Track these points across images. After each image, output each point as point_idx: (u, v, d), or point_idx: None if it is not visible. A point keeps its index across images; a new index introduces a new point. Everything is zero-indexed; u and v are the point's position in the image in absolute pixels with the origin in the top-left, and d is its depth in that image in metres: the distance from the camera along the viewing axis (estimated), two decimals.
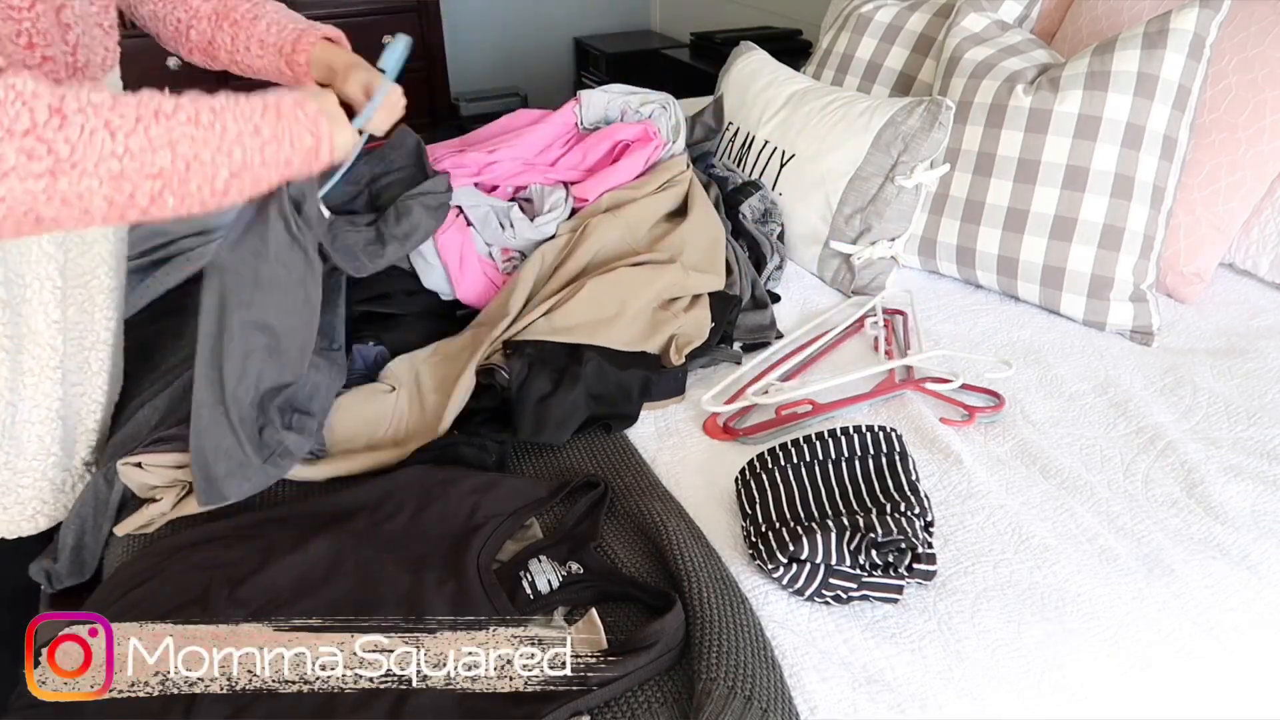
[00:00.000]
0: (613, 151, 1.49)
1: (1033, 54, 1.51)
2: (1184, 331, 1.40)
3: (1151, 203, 1.37)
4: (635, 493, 1.02)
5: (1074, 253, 1.38)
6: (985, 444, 1.13)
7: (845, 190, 1.50)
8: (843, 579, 0.88)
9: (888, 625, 0.87)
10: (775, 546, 0.89)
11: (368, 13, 3.21)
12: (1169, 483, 1.07)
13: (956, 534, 0.98)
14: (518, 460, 1.11)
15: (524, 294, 1.26)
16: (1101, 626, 0.88)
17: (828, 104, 1.59)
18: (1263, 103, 1.40)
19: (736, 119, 1.74)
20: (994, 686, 0.82)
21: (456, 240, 1.32)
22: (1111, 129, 1.36)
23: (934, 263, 1.53)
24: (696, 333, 1.26)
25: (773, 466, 1.01)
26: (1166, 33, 1.35)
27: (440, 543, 0.92)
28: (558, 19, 3.92)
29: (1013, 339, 1.37)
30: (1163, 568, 0.94)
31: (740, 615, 0.83)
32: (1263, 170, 1.41)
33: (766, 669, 0.78)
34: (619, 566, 0.92)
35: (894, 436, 1.02)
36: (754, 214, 1.55)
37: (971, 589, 0.91)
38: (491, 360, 1.15)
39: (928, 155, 1.46)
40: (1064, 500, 1.04)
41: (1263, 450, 1.11)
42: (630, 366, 1.18)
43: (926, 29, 1.77)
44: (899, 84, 1.79)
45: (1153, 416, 1.18)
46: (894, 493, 0.96)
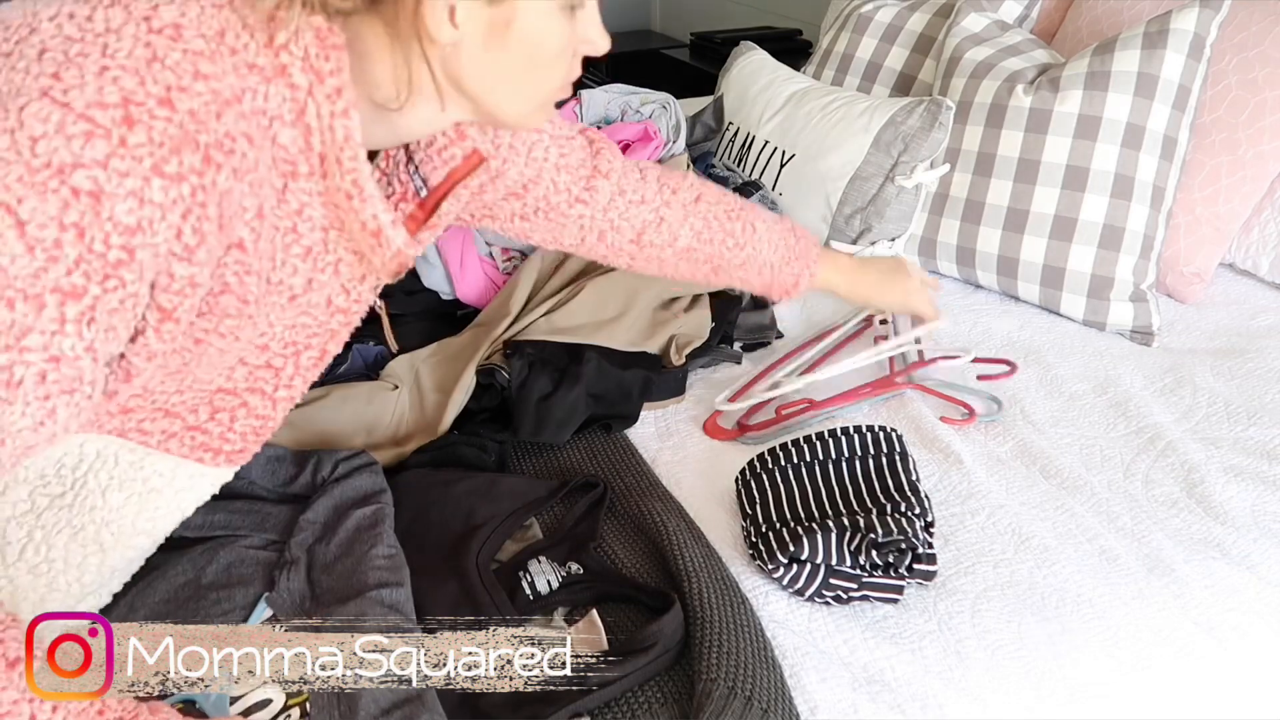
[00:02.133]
0: None
1: (1033, 54, 1.51)
2: (1184, 331, 1.40)
3: (1151, 203, 1.37)
4: (635, 493, 1.02)
5: (1074, 253, 1.38)
6: (985, 444, 1.13)
7: (845, 190, 1.50)
8: (843, 579, 0.88)
9: (888, 625, 0.87)
10: (775, 546, 0.89)
11: None
12: (1169, 483, 1.07)
13: (956, 534, 0.98)
14: (518, 460, 1.10)
15: (524, 294, 1.26)
16: (1101, 626, 0.88)
17: (828, 104, 1.59)
18: (1263, 103, 1.40)
19: (736, 119, 1.74)
20: (994, 686, 0.82)
21: (457, 240, 1.32)
22: (1111, 129, 1.36)
23: (934, 263, 1.53)
24: (697, 333, 1.26)
25: (773, 466, 1.01)
26: (1166, 33, 1.35)
27: (440, 543, 0.92)
28: None
29: (1013, 339, 1.37)
30: (1163, 568, 0.94)
31: (740, 615, 0.83)
32: (1263, 170, 1.41)
33: (766, 669, 0.78)
34: (619, 567, 0.92)
35: (894, 436, 1.02)
36: None
37: (971, 589, 0.91)
38: (492, 360, 1.15)
39: (928, 155, 1.46)
40: (1064, 500, 1.04)
41: (1263, 450, 1.11)
42: (630, 366, 1.18)
43: (926, 29, 1.77)
44: (899, 84, 1.79)
45: (1153, 416, 1.18)
46: (894, 493, 0.96)
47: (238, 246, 0.61)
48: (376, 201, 0.67)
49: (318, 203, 0.67)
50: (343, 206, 0.67)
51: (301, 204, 0.66)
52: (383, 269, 0.73)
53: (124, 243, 0.53)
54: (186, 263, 0.57)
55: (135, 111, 0.52)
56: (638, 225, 0.99)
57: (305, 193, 0.65)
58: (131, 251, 0.54)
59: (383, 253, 0.70)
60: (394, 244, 0.70)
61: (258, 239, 0.63)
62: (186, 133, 0.54)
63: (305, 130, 0.62)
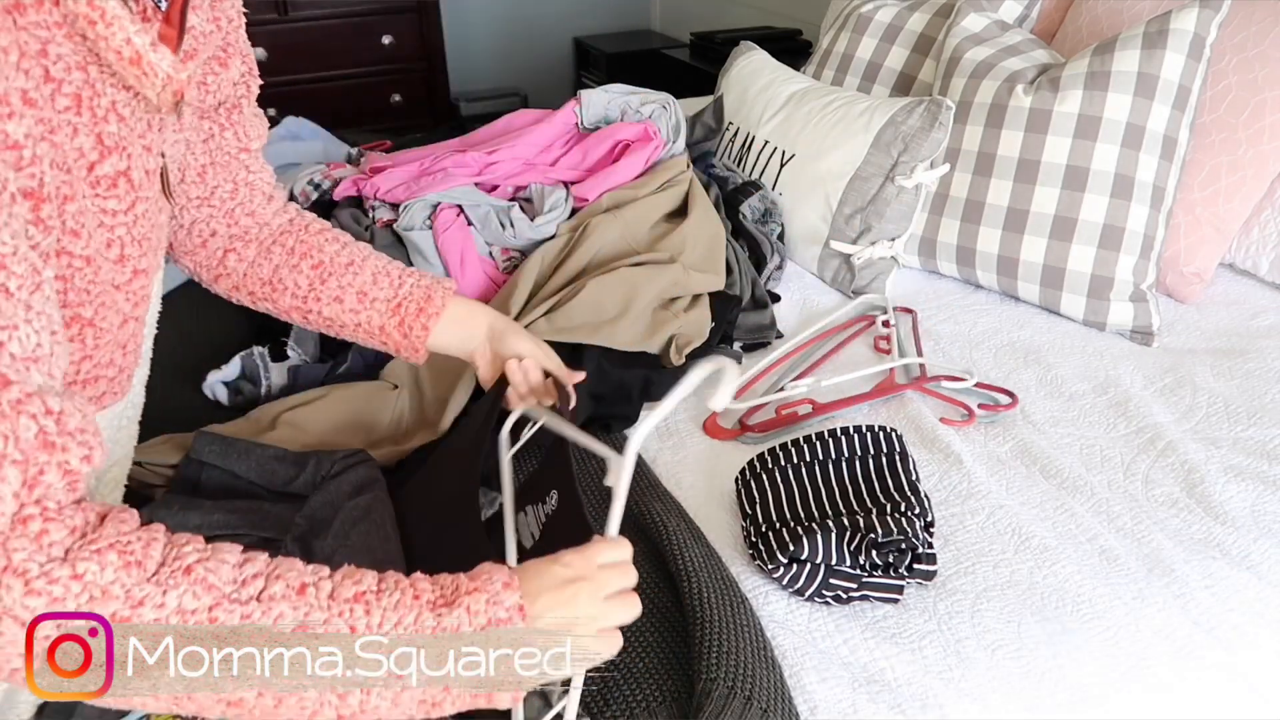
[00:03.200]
0: (613, 151, 1.49)
1: (1033, 54, 1.51)
2: (1184, 331, 1.40)
3: (1151, 203, 1.37)
4: (635, 493, 1.02)
5: (1074, 253, 1.38)
6: (985, 444, 1.13)
7: (845, 190, 1.50)
8: (843, 579, 0.88)
9: (888, 625, 0.87)
10: (775, 546, 0.89)
11: (367, 13, 3.21)
12: (1169, 483, 1.07)
13: (956, 534, 0.98)
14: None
15: (524, 294, 1.26)
16: (1101, 626, 0.88)
17: (828, 104, 1.59)
18: (1263, 103, 1.40)
19: (736, 119, 1.74)
20: (994, 687, 0.82)
21: (457, 240, 1.32)
22: (1111, 129, 1.36)
23: (934, 263, 1.53)
24: (697, 333, 1.26)
25: (773, 466, 1.01)
26: (1166, 33, 1.35)
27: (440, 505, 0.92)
28: (558, 19, 3.92)
29: (1013, 339, 1.37)
30: (1163, 568, 0.94)
31: (740, 615, 0.83)
32: (1263, 170, 1.41)
33: (766, 669, 0.78)
34: None
35: (894, 436, 1.02)
36: (754, 214, 1.55)
37: (971, 589, 0.91)
38: None
39: (928, 155, 1.46)
40: (1064, 500, 1.04)
41: (1263, 450, 1.11)
42: (631, 366, 1.18)
43: (926, 29, 1.77)
44: (899, 84, 1.79)
45: (1153, 416, 1.18)
46: (894, 493, 0.96)
47: (21, 97, 0.56)
48: (125, 21, 0.60)
49: (60, 36, 0.59)
50: (90, 36, 0.60)
51: (42, 41, 0.58)
52: (161, 103, 0.67)
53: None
54: (12, 118, 0.54)
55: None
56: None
57: (41, 27, 0.58)
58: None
59: (152, 82, 0.64)
60: (161, 69, 0.63)
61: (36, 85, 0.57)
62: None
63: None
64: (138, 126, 0.67)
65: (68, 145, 0.61)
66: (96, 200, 0.64)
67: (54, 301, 0.58)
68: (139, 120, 0.67)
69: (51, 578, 0.53)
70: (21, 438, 0.53)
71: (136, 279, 0.70)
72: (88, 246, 0.64)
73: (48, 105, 0.59)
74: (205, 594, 0.57)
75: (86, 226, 0.64)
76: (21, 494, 0.53)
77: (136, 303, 0.72)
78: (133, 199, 0.67)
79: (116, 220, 0.66)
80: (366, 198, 1.43)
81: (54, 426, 0.54)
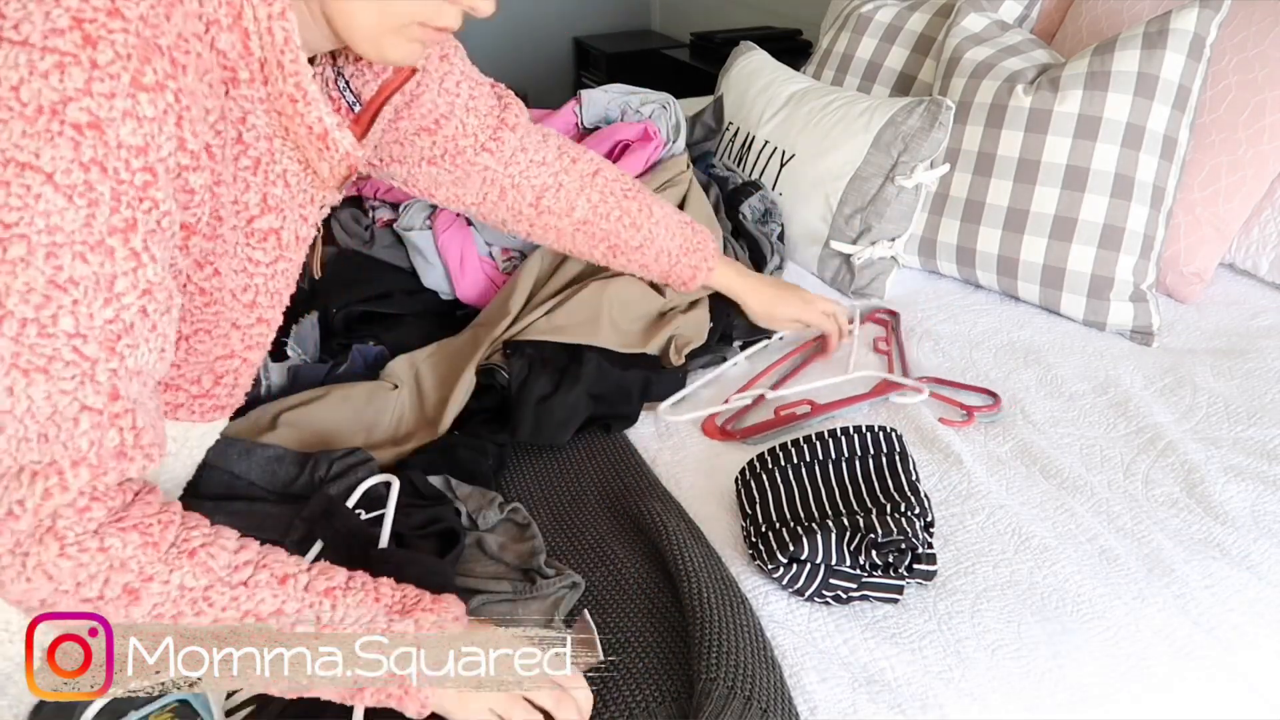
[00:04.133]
0: (613, 151, 1.49)
1: (1033, 54, 1.51)
2: (1184, 331, 1.40)
3: (1151, 203, 1.37)
4: (635, 493, 1.02)
5: (1074, 253, 1.38)
6: (985, 444, 1.13)
7: (845, 190, 1.50)
8: (843, 579, 0.88)
9: (888, 625, 0.87)
10: (775, 546, 0.89)
11: None
12: (1169, 483, 1.07)
13: (956, 534, 0.98)
14: (517, 460, 1.10)
15: (524, 294, 1.26)
16: (1101, 626, 0.88)
17: (828, 104, 1.59)
18: (1263, 103, 1.40)
19: (736, 119, 1.74)
20: (994, 687, 0.82)
21: (457, 240, 1.32)
22: (1111, 129, 1.36)
23: (934, 263, 1.53)
24: (696, 333, 1.26)
25: (773, 467, 1.01)
26: (1166, 33, 1.35)
27: None
28: (558, 19, 3.92)
29: (1013, 339, 1.37)
30: (1163, 568, 0.94)
31: (740, 615, 0.83)
32: (1263, 170, 1.41)
33: (766, 669, 0.78)
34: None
35: (894, 436, 1.02)
36: (754, 214, 1.55)
37: (971, 589, 0.91)
38: (492, 360, 1.15)
39: (928, 155, 1.46)
40: (1064, 500, 1.04)
41: (1263, 450, 1.11)
42: (630, 366, 1.18)
43: (926, 29, 1.77)
44: (899, 84, 1.79)
45: (1153, 416, 1.18)
46: (894, 493, 0.96)
47: (206, 152, 0.61)
48: (321, 104, 0.68)
49: (260, 110, 0.66)
50: (287, 112, 0.67)
51: (244, 111, 0.66)
52: (331, 176, 0.74)
53: (143, 164, 0.55)
54: (196, 171, 0.59)
55: (90, 29, 0.52)
56: (538, 187, 1.04)
57: (247, 100, 0.65)
58: (152, 170, 0.55)
59: (331, 155, 0.71)
60: (341, 146, 0.71)
61: (224, 145, 0.63)
62: (145, 39, 0.54)
63: (243, 35, 0.62)
64: (300, 197, 0.75)
65: (238, 197, 0.68)
66: (247, 249, 0.71)
67: (175, 323, 0.63)
68: (303, 192, 0.74)
69: (83, 546, 0.59)
70: (105, 446, 0.59)
71: (258, 326, 0.77)
72: (221, 286, 0.71)
73: (231, 163, 0.66)
74: (204, 575, 0.63)
75: (230, 269, 0.71)
76: (85, 488, 0.59)
77: (250, 346, 0.78)
78: (277, 255, 0.74)
79: (258, 270, 0.73)
80: (366, 197, 1.43)
81: (132, 440, 0.60)
